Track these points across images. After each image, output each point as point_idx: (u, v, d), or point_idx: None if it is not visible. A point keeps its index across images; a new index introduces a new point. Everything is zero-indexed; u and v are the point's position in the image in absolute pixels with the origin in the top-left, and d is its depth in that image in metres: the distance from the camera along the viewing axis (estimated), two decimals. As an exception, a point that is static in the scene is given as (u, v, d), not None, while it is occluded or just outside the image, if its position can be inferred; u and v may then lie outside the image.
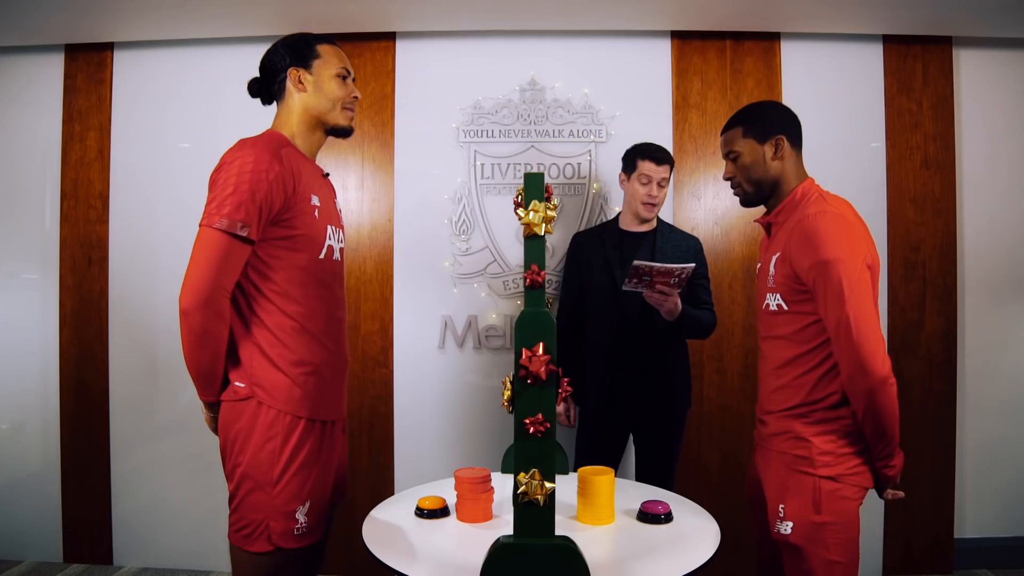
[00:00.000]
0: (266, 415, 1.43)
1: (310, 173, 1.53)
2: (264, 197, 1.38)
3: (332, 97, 1.56)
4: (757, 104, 1.66)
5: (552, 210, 1.30)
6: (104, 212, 2.88)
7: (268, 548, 1.42)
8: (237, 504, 1.44)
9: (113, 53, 2.89)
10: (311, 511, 1.46)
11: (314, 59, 1.55)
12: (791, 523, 1.43)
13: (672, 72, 2.82)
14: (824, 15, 2.66)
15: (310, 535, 1.47)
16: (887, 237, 2.80)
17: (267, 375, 1.43)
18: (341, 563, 2.74)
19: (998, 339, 2.88)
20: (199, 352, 1.39)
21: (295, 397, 1.45)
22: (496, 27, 2.78)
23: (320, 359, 1.50)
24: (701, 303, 2.31)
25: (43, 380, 2.91)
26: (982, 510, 2.85)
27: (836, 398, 1.44)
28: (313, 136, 1.58)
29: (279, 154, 1.43)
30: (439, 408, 2.82)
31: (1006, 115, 2.87)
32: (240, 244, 1.37)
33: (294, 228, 1.45)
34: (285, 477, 1.42)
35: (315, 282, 1.50)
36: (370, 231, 2.83)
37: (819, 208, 1.43)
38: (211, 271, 1.34)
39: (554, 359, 1.25)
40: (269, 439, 1.42)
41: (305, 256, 1.47)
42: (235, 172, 1.37)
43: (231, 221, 1.34)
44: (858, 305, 1.35)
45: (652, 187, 2.25)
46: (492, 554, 1.21)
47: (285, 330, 1.45)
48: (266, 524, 1.41)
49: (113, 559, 2.88)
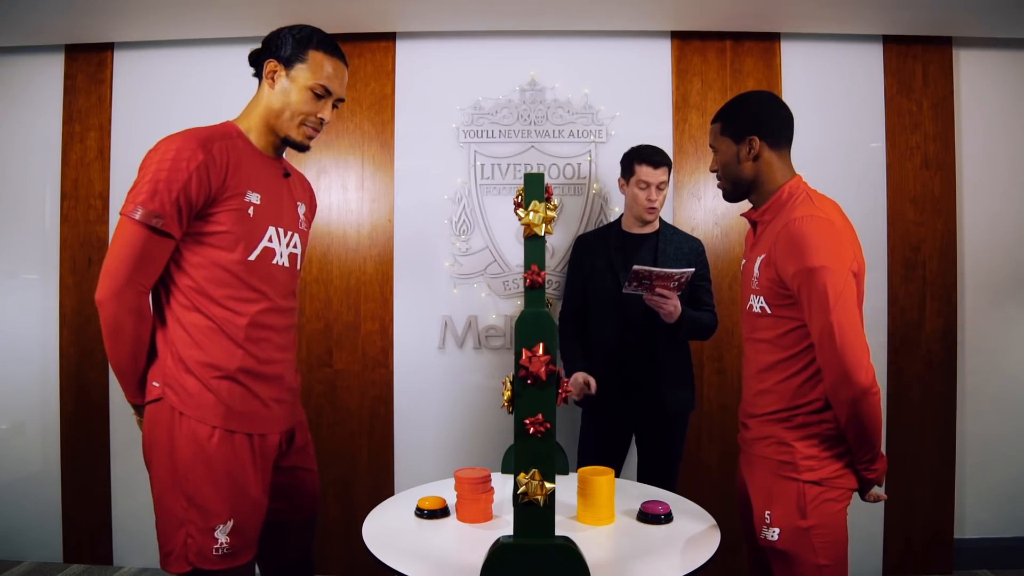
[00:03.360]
0: (178, 422, 1.33)
1: (257, 169, 1.43)
2: (181, 188, 1.29)
3: (293, 107, 1.44)
4: (739, 99, 1.59)
5: (552, 210, 1.30)
6: (104, 212, 2.88)
7: (185, 568, 1.31)
8: (156, 519, 1.35)
9: (113, 53, 2.89)
10: (234, 531, 1.34)
11: (299, 62, 1.44)
12: (778, 529, 1.43)
13: (672, 72, 2.82)
14: (824, 15, 2.66)
15: (235, 556, 1.35)
16: (887, 237, 2.80)
17: (178, 376, 1.34)
18: (341, 563, 2.74)
19: (998, 339, 2.88)
20: (114, 347, 1.32)
21: (207, 403, 1.34)
22: (496, 27, 2.78)
23: (236, 365, 1.38)
24: (702, 305, 2.31)
25: (43, 380, 2.91)
26: (982, 510, 2.85)
27: (819, 404, 1.43)
28: (268, 135, 1.48)
29: (209, 145, 1.34)
30: (439, 408, 2.82)
31: (1006, 115, 2.87)
32: (158, 238, 1.29)
33: (219, 224, 1.35)
34: (202, 492, 1.31)
35: (241, 284, 1.39)
36: (370, 231, 2.83)
37: (806, 212, 1.40)
38: (124, 262, 1.28)
39: (554, 359, 1.25)
40: (181, 448, 1.32)
41: (230, 256, 1.37)
42: (156, 160, 1.31)
43: (145, 211, 1.28)
44: (843, 314, 1.33)
45: (651, 191, 2.25)
46: (492, 554, 1.21)
47: (199, 329, 1.35)
48: (183, 542, 1.31)
49: (113, 559, 2.88)
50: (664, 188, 2.28)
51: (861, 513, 1.76)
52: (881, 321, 2.78)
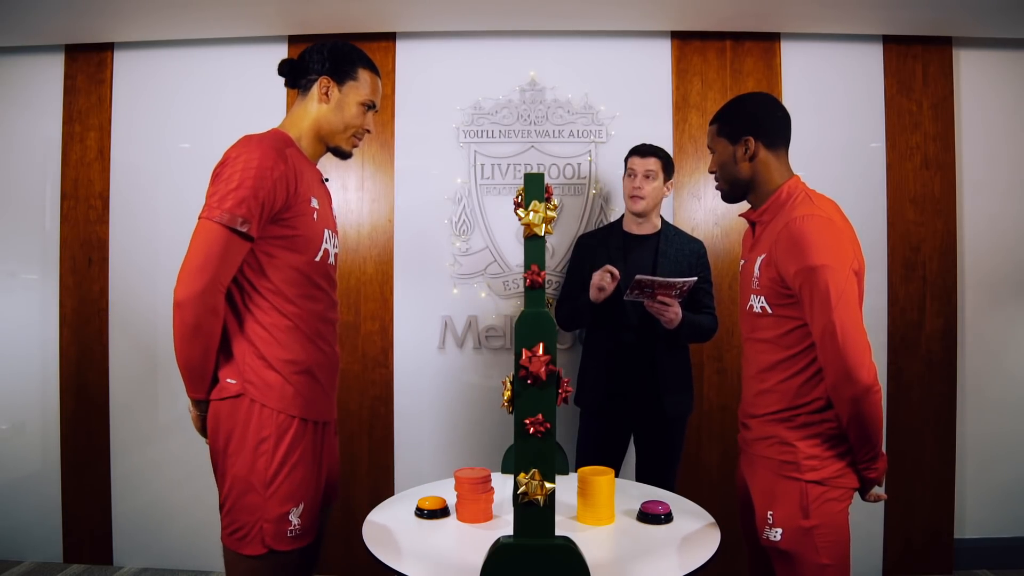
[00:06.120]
0: (259, 414, 1.42)
1: (311, 176, 1.54)
2: (267, 195, 1.38)
3: (348, 122, 1.58)
4: (736, 101, 1.61)
5: (552, 210, 1.30)
6: (104, 212, 2.88)
7: (261, 551, 1.40)
8: (230, 506, 1.43)
9: (113, 53, 2.89)
10: (304, 513, 1.45)
11: (350, 79, 1.56)
12: (780, 530, 1.43)
13: (672, 72, 2.82)
14: (824, 15, 2.66)
15: (303, 537, 1.46)
16: (887, 237, 2.80)
17: (259, 372, 1.43)
18: (341, 563, 2.74)
19: (998, 339, 2.88)
20: (190, 346, 1.38)
21: (288, 395, 1.44)
22: (496, 27, 2.78)
23: (312, 359, 1.49)
24: (702, 307, 2.30)
25: (43, 380, 2.91)
26: (982, 510, 2.86)
27: (821, 403, 1.43)
28: (317, 145, 1.60)
29: (284, 153, 1.44)
30: (439, 408, 2.82)
31: (1006, 115, 2.87)
32: (239, 240, 1.37)
33: (293, 229, 1.46)
34: (279, 478, 1.41)
35: (310, 283, 1.50)
36: (370, 231, 2.83)
37: (807, 211, 1.41)
38: (209, 264, 1.34)
39: (554, 359, 1.25)
40: (262, 439, 1.41)
41: (301, 257, 1.48)
42: (240, 167, 1.38)
43: (232, 216, 1.34)
44: (844, 313, 1.34)
45: (636, 179, 2.27)
46: (492, 554, 1.21)
47: (280, 328, 1.45)
48: (259, 526, 1.40)
49: (113, 559, 2.88)
50: (653, 179, 2.28)
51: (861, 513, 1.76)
52: (881, 321, 2.78)
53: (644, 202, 2.28)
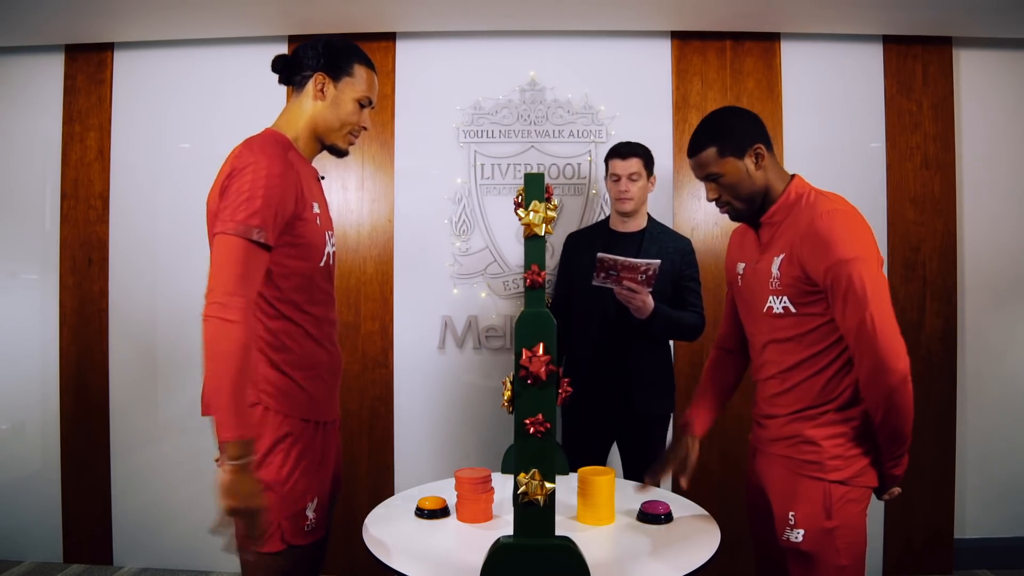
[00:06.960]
0: (273, 419, 1.42)
1: (310, 179, 1.53)
2: (278, 204, 1.36)
3: (344, 120, 1.54)
4: (720, 118, 1.56)
5: (552, 210, 1.30)
6: (104, 212, 2.88)
7: (280, 547, 1.41)
8: None
9: (113, 53, 2.89)
10: (318, 507, 1.48)
11: (346, 75, 1.53)
12: (802, 531, 1.42)
13: (672, 72, 2.82)
14: (824, 15, 2.66)
15: (318, 531, 1.49)
16: (887, 237, 2.80)
17: (273, 381, 1.43)
18: (341, 563, 2.74)
19: (998, 339, 2.88)
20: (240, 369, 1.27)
21: (301, 401, 1.45)
22: (496, 27, 2.78)
23: (322, 363, 1.50)
24: (688, 305, 2.27)
25: (43, 380, 2.91)
26: (982, 510, 2.86)
27: (846, 398, 1.43)
28: (314, 144, 1.58)
29: (288, 158, 1.42)
30: (439, 408, 2.82)
31: (1006, 115, 2.87)
32: (258, 250, 1.33)
33: (301, 237, 1.44)
34: (295, 475, 1.43)
35: (316, 288, 1.50)
36: (370, 231, 2.83)
37: (830, 207, 1.41)
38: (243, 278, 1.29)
39: (554, 359, 1.25)
40: (278, 440, 1.42)
41: (309, 264, 1.47)
42: (249, 178, 1.35)
43: (247, 227, 1.31)
44: (879, 305, 1.36)
45: (622, 183, 2.26)
46: (492, 554, 1.21)
47: (291, 336, 1.45)
48: (278, 524, 1.41)
49: (113, 559, 2.88)
50: (637, 180, 2.26)
51: (861, 513, 1.76)
52: (881, 321, 2.78)
53: (632, 203, 2.28)
